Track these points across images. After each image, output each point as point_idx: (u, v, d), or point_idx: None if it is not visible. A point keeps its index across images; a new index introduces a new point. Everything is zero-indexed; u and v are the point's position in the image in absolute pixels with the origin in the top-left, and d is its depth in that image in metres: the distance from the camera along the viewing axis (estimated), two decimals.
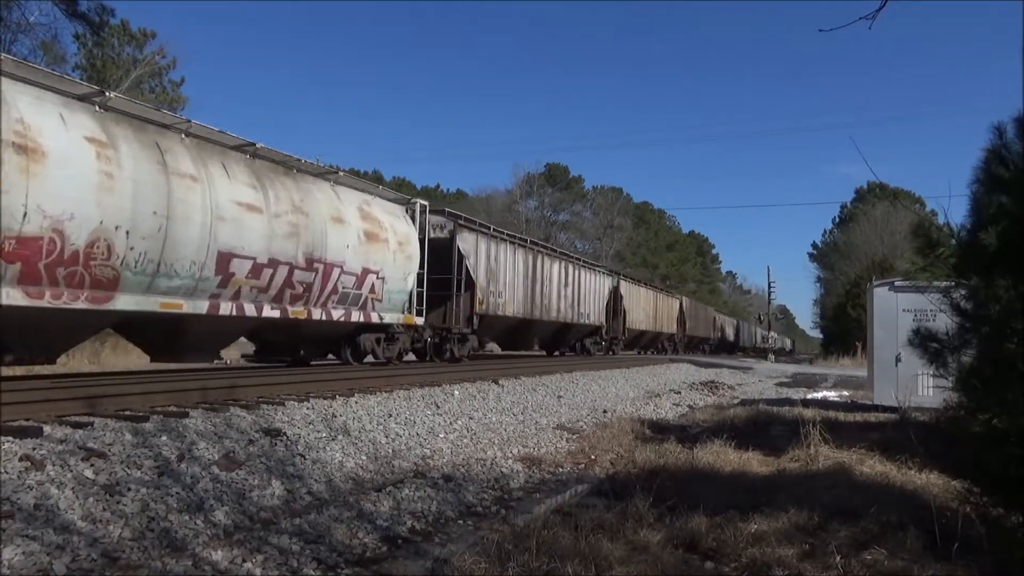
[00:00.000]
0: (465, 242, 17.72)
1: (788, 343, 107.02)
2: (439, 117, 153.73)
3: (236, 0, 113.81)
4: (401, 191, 19.91)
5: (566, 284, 24.49)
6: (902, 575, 3.97)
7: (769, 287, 61.80)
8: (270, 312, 11.27)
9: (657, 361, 27.92)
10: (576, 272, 25.74)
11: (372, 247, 13.35)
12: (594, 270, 28.34)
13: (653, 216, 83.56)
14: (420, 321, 15.49)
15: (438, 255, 16.60)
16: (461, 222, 18.05)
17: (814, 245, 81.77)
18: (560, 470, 7.89)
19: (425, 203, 16.43)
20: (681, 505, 5.17)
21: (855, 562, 4.10)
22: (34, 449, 5.14)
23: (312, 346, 13.93)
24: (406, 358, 16.36)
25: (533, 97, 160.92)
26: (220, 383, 8.82)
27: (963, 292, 4.34)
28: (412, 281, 14.97)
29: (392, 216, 14.46)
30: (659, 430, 10.51)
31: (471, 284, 17.74)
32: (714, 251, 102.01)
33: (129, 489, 4.96)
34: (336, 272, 12.48)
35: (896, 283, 12.51)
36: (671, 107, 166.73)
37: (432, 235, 16.59)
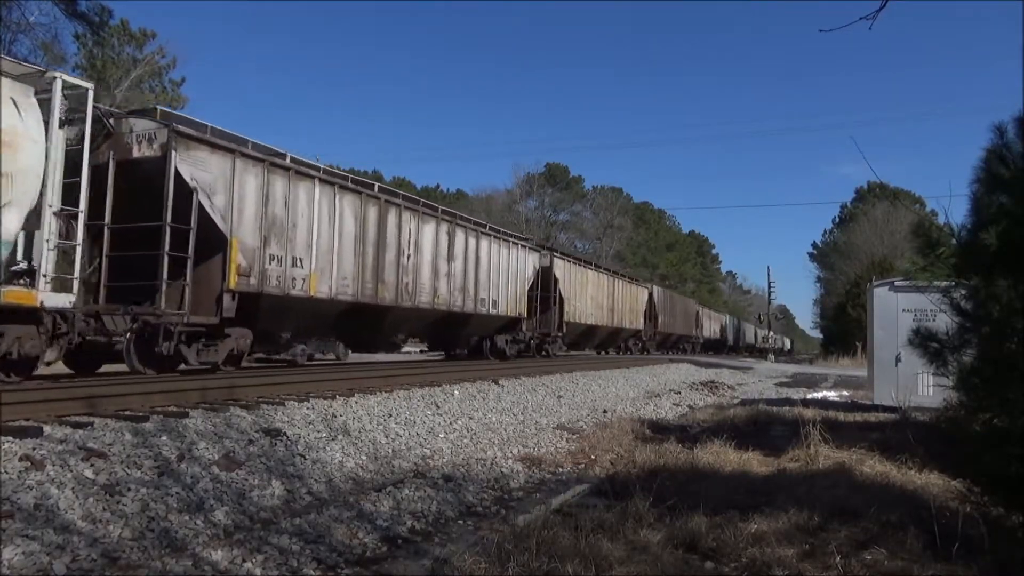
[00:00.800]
0: (201, 168, 10.44)
1: (787, 343, 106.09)
2: (439, 117, 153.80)
3: (236, 0, 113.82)
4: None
5: (451, 257, 17.51)
6: (902, 575, 3.97)
7: (769, 287, 61.84)
8: None
9: (657, 361, 27.90)
10: (469, 241, 18.39)
11: None
12: (506, 242, 20.62)
13: (653, 216, 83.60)
14: (64, 301, 8.71)
15: (143, 187, 10.13)
16: (187, 131, 10.43)
17: (814, 245, 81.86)
18: (560, 470, 7.89)
19: (85, 86, 9.28)
20: (681, 505, 5.17)
21: (855, 562, 4.10)
22: (34, 449, 5.14)
23: None
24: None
25: (533, 97, 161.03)
26: (220, 383, 8.82)
27: (963, 292, 4.34)
28: (19, 222, 8.44)
29: None
30: (659, 430, 10.51)
31: (219, 242, 10.79)
32: (714, 251, 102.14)
33: (129, 489, 4.96)
34: None
35: (896, 283, 12.51)
36: (671, 107, 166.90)
37: (137, 153, 10.21)
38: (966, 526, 4.33)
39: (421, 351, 20.50)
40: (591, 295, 28.58)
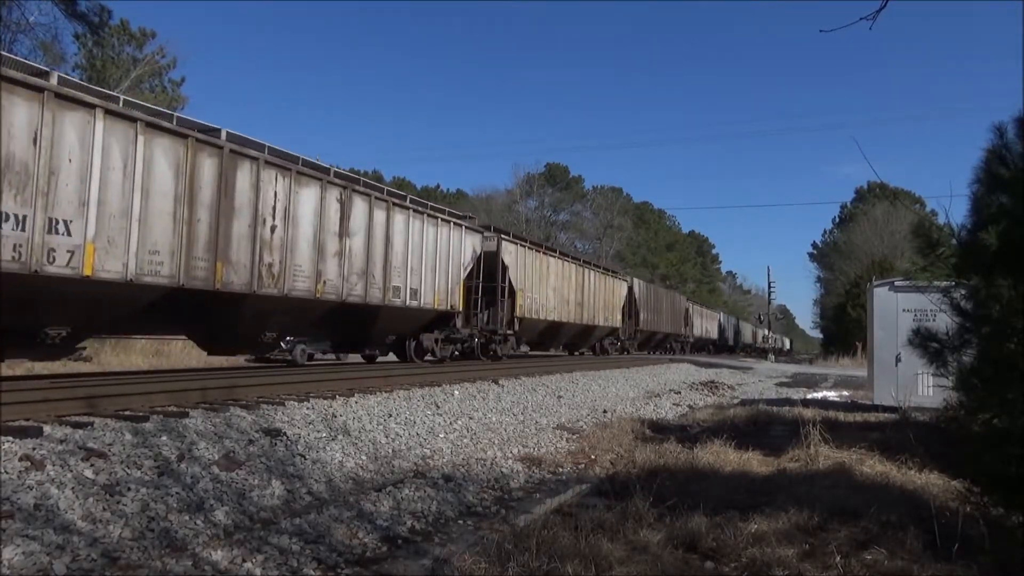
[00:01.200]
0: None
1: (786, 343, 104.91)
2: (439, 117, 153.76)
3: (236, 0, 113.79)
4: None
5: (347, 233, 13.46)
6: (902, 575, 3.97)
7: (769, 287, 61.86)
8: None
9: (657, 361, 27.91)
10: (376, 214, 14.42)
11: None
12: (432, 219, 16.78)
13: (653, 216, 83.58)
14: None
15: None
16: None
17: (814, 245, 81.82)
18: (560, 470, 7.89)
19: None
20: (681, 505, 5.18)
21: (855, 562, 4.10)
22: (34, 449, 5.14)
23: None
24: None
25: (533, 97, 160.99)
26: (220, 383, 8.82)
27: (963, 292, 4.34)
28: None
29: None
30: (659, 430, 10.51)
31: None
32: (714, 251, 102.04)
33: (129, 489, 4.96)
34: None
35: (896, 283, 12.51)
36: (671, 107, 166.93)
37: None
38: (966, 526, 4.33)
39: (324, 352, 16.11)
40: (553, 287, 24.45)
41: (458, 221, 18.40)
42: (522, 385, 13.53)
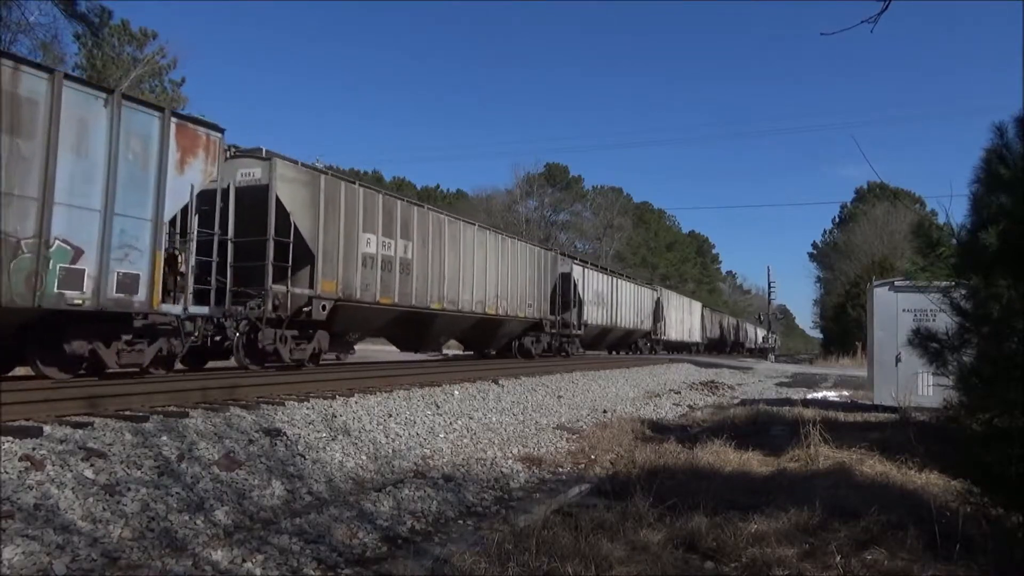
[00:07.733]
0: None
1: (772, 338, 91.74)
2: (439, 117, 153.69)
3: (237, 0, 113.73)
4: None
5: None
6: (902, 575, 3.97)
7: (769, 287, 61.74)
8: None
9: (657, 361, 27.90)
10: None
11: None
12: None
13: (653, 216, 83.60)
14: None
15: None
16: None
17: (814, 245, 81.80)
18: (560, 470, 7.90)
19: None
20: (681, 505, 5.17)
21: (855, 562, 4.10)
22: (34, 449, 5.14)
23: None
24: None
25: (533, 97, 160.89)
26: (220, 383, 8.82)
27: (963, 292, 4.33)
28: None
29: None
30: (659, 430, 10.51)
31: None
32: (714, 251, 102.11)
33: (129, 489, 4.96)
34: None
35: (896, 283, 12.51)
36: (671, 107, 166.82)
37: None
38: (966, 526, 4.33)
39: None
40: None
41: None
42: (522, 385, 13.53)
